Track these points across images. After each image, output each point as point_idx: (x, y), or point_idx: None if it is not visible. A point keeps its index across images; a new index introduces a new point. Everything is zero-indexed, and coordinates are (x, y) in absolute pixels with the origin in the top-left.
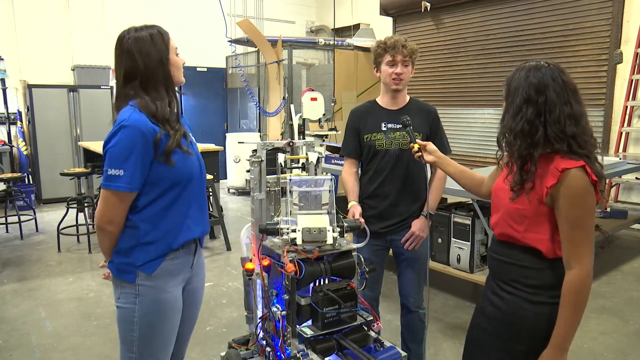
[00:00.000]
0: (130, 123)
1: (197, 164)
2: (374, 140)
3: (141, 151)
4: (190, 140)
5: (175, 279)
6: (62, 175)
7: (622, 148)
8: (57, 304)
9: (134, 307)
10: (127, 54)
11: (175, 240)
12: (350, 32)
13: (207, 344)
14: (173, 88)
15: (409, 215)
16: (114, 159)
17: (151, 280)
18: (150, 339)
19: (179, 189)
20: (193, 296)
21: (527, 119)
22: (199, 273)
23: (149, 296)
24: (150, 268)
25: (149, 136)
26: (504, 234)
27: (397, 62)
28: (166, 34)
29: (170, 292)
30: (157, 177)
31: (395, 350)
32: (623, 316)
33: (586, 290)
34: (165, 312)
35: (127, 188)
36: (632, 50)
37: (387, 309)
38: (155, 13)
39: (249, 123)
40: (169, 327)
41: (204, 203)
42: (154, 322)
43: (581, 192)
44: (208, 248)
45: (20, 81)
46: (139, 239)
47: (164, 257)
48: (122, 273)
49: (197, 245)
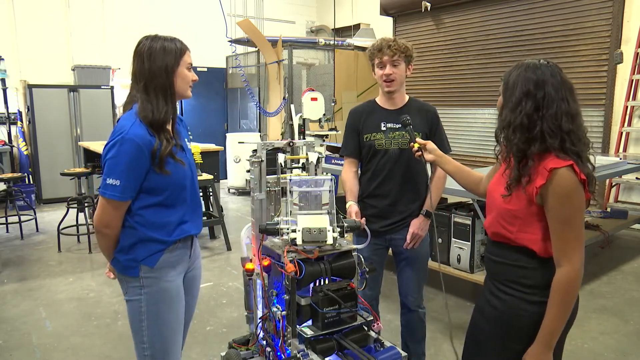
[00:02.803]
0: (129, 136)
1: (189, 173)
2: (374, 140)
3: (137, 164)
4: (183, 148)
5: (175, 269)
6: (62, 175)
7: (622, 148)
8: (58, 303)
9: (141, 298)
10: (138, 56)
11: (170, 237)
12: (351, 32)
13: (207, 344)
14: (173, 99)
15: (409, 214)
16: (112, 170)
17: (153, 272)
18: (158, 327)
19: (173, 196)
20: (192, 283)
21: (526, 113)
22: (195, 261)
23: (153, 286)
24: (152, 261)
25: (146, 148)
26: (497, 234)
27: (385, 63)
28: (182, 49)
29: (172, 281)
30: (152, 185)
31: (396, 351)
32: (623, 316)
33: (575, 288)
34: (169, 300)
35: (121, 197)
36: (632, 50)
37: (387, 308)
38: (155, 13)
39: (249, 123)
40: (173, 316)
41: (197, 205)
42: (160, 310)
43: (569, 191)
44: (208, 248)
45: (20, 81)
46: (139, 237)
47: (163, 251)
48: (127, 269)
49: (193, 238)
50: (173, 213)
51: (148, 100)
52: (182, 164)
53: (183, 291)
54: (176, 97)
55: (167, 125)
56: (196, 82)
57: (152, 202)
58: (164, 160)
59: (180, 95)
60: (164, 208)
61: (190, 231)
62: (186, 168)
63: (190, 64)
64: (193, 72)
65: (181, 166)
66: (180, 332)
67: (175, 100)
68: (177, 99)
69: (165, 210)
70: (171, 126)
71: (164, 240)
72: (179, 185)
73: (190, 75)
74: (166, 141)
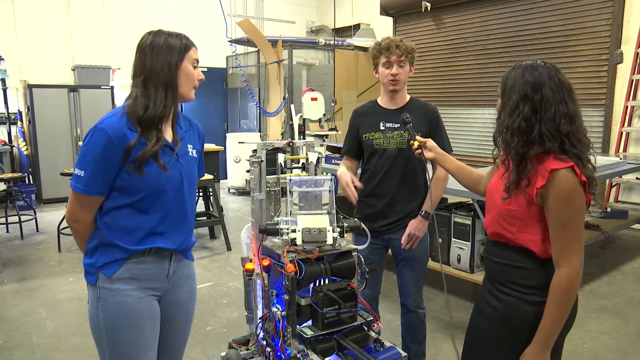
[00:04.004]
0: (102, 126)
1: (176, 179)
2: (372, 139)
3: (105, 157)
4: (177, 154)
5: (140, 284)
6: (62, 175)
7: (623, 148)
8: (58, 303)
9: (98, 312)
10: (140, 50)
11: (135, 246)
12: (351, 32)
13: (207, 344)
14: (175, 95)
15: (407, 214)
16: (80, 160)
17: (111, 283)
18: (119, 345)
19: (148, 199)
20: (176, 309)
21: (524, 116)
22: (181, 286)
23: (110, 299)
24: (110, 270)
25: (117, 142)
26: (496, 234)
27: (392, 62)
28: (187, 45)
29: (132, 297)
30: (125, 184)
31: (396, 351)
32: (623, 316)
33: (573, 290)
34: (129, 317)
35: (84, 190)
36: (632, 50)
37: (387, 309)
38: (155, 13)
39: (249, 123)
40: (136, 334)
41: (182, 218)
42: (118, 326)
43: (569, 193)
44: (208, 248)
45: (20, 81)
46: (101, 239)
47: (125, 260)
48: (86, 274)
49: (171, 255)
50: (146, 220)
51: (145, 94)
52: (165, 170)
53: (154, 311)
54: (178, 97)
55: (162, 124)
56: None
57: (124, 202)
58: (144, 160)
59: (183, 97)
60: (137, 212)
61: (161, 244)
62: (174, 174)
63: (196, 60)
64: (199, 70)
65: (163, 170)
66: (147, 353)
67: (177, 98)
68: (180, 100)
69: (137, 215)
70: (172, 128)
71: (126, 249)
72: (157, 190)
73: (195, 73)
74: (155, 140)
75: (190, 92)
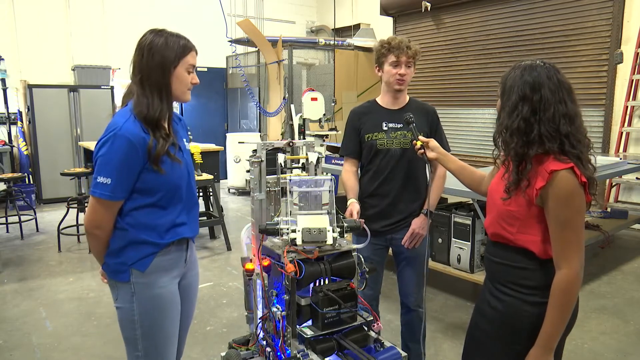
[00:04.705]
0: (122, 133)
1: (185, 173)
2: (376, 139)
3: (130, 162)
4: (180, 147)
5: (169, 274)
6: (62, 175)
7: (623, 148)
8: (58, 303)
9: (132, 306)
10: (139, 49)
11: (163, 239)
12: (351, 32)
13: (207, 344)
14: (169, 98)
15: (409, 214)
16: (103, 168)
17: (145, 277)
18: (153, 336)
19: (167, 196)
20: (187, 291)
21: (523, 117)
22: (193, 268)
23: (145, 293)
24: (143, 265)
25: (139, 146)
26: (496, 234)
27: (401, 62)
28: (185, 48)
29: (165, 287)
30: (146, 185)
31: (396, 351)
32: (623, 316)
33: (574, 291)
34: (163, 307)
35: (111, 197)
36: (632, 50)
37: (387, 309)
38: (155, 13)
39: (249, 123)
40: (169, 322)
41: (193, 207)
42: (154, 318)
43: (569, 194)
44: (208, 248)
45: (20, 81)
46: (129, 239)
47: (155, 254)
48: (117, 274)
49: (188, 242)
50: (167, 214)
51: (143, 94)
52: (179, 163)
53: (178, 297)
54: (172, 98)
55: (162, 123)
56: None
57: (145, 202)
58: (159, 158)
59: (177, 98)
60: (157, 209)
61: (184, 234)
62: (182, 168)
63: (192, 66)
64: (195, 74)
65: (178, 165)
66: (176, 341)
67: (171, 101)
68: (174, 100)
69: (159, 211)
70: (167, 124)
71: (156, 243)
72: (174, 186)
73: (189, 78)
74: (162, 139)
75: (183, 95)
